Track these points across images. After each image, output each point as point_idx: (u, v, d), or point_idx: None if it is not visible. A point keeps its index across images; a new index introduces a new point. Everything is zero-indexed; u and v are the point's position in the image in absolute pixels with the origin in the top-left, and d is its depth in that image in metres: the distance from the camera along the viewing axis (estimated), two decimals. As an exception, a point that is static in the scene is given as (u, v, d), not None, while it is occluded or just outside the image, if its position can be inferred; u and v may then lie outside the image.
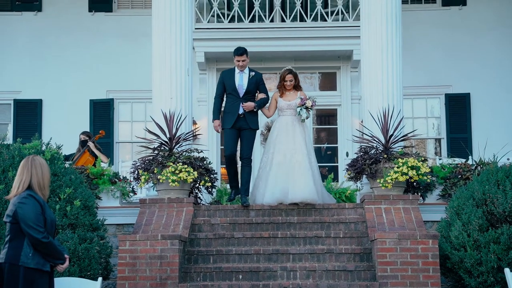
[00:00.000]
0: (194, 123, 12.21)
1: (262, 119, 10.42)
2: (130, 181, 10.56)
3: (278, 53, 13.85)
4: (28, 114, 14.36)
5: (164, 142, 9.84)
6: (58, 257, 5.83)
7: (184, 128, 10.06)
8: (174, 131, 9.85)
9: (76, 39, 14.54)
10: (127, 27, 14.50)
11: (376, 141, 9.82)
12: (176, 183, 9.42)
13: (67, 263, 5.93)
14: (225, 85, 10.06)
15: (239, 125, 9.95)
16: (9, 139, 13.94)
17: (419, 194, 9.91)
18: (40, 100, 14.39)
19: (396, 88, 10.20)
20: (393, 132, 9.78)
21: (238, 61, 9.98)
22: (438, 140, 14.49)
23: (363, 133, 10.19)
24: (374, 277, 8.42)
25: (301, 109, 9.83)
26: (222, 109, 10.15)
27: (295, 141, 9.84)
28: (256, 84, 10.09)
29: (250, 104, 9.93)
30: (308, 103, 9.81)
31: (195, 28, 13.10)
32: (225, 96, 10.14)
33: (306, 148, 9.83)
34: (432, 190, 10.24)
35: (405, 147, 10.11)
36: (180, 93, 10.24)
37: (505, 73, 14.28)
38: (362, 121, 10.99)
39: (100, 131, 12.72)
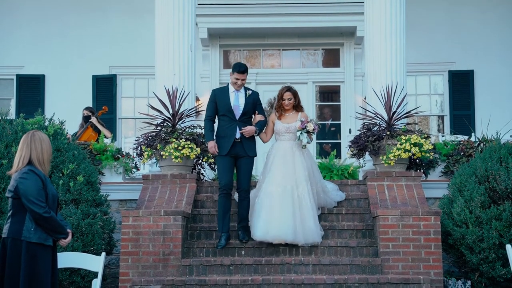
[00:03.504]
0: (197, 99, 12.18)
1: (259, 146, 9.25)
2: (133, 157, 10.58)
3: (281, 29, 13.77)
4: (31, 89, 14.32)
5: (167, 118, 9.83)
6: (60, 231, 5.86)
7: (187, 104, 10.04)
8: (177, 107, 9.84)
9: (79, 14, 14.44)
10: (130, 2, 14.38)
11: (379, 118, 9.79)
12: (179, 159, 9.43)
13: (69, 237, 5.96)
14: (218, 105, 8.76)
15: (236, 151, 8.65)
16: (12, 114, 13.95)
17: (422, 171, 9.91)
18: (43, 76, 14.35)
19: (399, 65, 10.15)
20: (396, 109, 9.76)
21: (237, 79, 8.64)
22: (441, 117, 14.45)
23: (366, 110, 10.16)
24: (376, 253, 8.45)
25: (301, 133, 8.70)
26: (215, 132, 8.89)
27: (296, 171, 8.69)
28: (253, 104, 8.82)
29: (251, 129, 8.68)
30: (310, 127, 8.70)
31: (198, 4, 12.99)
32: (216, 118, 8.92)
33: (308, 176, 8.74)
34: (435, 167, 10.25)
35: (408, 124, 10.09)
36: (183, 69, 10.20)
37: (510, 50, 14.19)
38: (365, 98, 10.95)
39: (103, 107, 12.71)
